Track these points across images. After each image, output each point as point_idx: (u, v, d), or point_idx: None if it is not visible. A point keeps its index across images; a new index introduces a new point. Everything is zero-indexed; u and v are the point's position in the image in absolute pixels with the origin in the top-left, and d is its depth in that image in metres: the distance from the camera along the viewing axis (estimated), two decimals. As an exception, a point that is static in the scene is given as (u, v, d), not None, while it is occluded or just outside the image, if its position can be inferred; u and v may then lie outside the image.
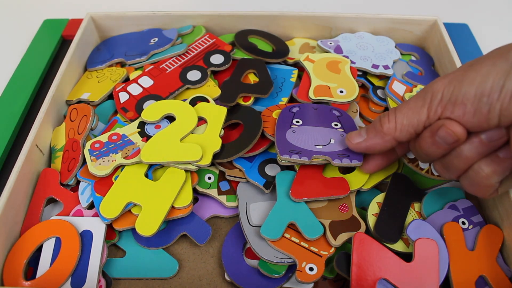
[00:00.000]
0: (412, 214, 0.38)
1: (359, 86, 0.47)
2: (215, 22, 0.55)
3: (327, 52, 0.51)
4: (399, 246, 0.36)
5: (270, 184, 0.40)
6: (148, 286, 0.36)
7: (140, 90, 0.47)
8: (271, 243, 0.36)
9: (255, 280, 0.36)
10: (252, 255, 0.37)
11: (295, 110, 0.43)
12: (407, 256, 0.35)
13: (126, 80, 0.49)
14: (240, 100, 0.46)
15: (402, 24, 0.54)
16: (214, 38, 0.52)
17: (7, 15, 0.68)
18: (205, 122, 0.43)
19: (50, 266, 0.35)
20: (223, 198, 0.40)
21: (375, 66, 0.49)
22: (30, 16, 0.67)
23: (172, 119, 0.44)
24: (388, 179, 0.40)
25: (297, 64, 0.51)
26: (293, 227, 0.37)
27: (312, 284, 0.35)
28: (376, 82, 0.49)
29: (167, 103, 0.44)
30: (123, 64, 0.52)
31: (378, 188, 0.41)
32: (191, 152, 0.39)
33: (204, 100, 0.45)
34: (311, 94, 0.45)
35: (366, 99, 0.49)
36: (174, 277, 0.37)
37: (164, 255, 0.38)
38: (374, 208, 0.38)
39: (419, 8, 0.68)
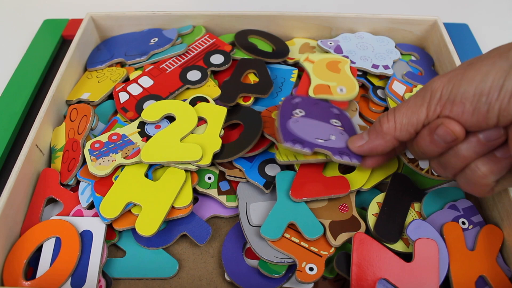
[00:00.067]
0: (412, 214, 0.38)
1: (359, 86, 0.47)
2: (215, 22, 0.55)
3: (327, 52, 0.51)
4: (399, 246, 0.36)
5: (270, 184, 0.40)
6: (148, 286, 0.36)
7: (140, 90, 0.47)
8: (271, 243, 0.36)
9: (255, 280, 0.36)
10: (252, 255, 0.37)
11: (297, 101, 0.42)
12: (407, 256, 0.35)
13: (126, 80, 0.49)
14: (240, 100, 0.46)
15: (402, 24, 0.54)
16: (214, 38, 0.52)
17: (7, 15, 0.68)
18: (205, 122, 0.43)
19: (50, 266, 0.35)
20: (223, 198, 0.40)
21: (375, 66, 0.49)
22: (30, 16, 0.67)
23: (172, 119, 0.44)
24: (388, 179, 0.40)
25: (297, 64, 0.51)
26: (293, 227, 0.37)
27: (312, 284, 0.35)
28: (376, 82, 0.49)
29: (167, 103, 0.44)
30: (123, 64, 0.52)
31: (378, 188, 0.41)
32: (191, 152, 0.39)
33: (204, 100, 0.45)
34: (311, 93, 0.45)
35: (366, 99, 0.49)
36: (174, 277, 0.37)
37: (164, 255, 0.38)
38: (374, 208, 0.38)
39: (419, 8, 0.68)
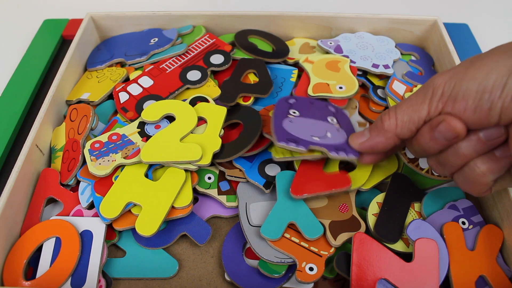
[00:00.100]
0: (412, 214, 0.38)
1: (359, 86, 0.47)
2: (215, 22, 0.55)
3: (327, 52, 0.51)
4: (399, 246, 0.36)
5: (270, 184, 0.40)
6: (148, 286, 0.36)
7: (140, 90, 0.47)
8: (271, 243, 0.36)
9: (255, 280, 0.36)
10: (252, 255, 0.37)
11: (292, 101, 0.42)
12: (407, 256, 0.35)
13: (126, 80, 0.49)
14: (240, 100, 0.46)
15: (402, 24, 0.54)
16: (214, 38, 0.52)
17: (7, 15, 0.68)
18: (205, 122, 0.43)
19: (50, 266, 0.35)
20: (223, 198, 0.40)
21: (375, 66, 0.49)
22: (30, 16, 0.67)
23: (172, 119, 0.44)
24: (388, 179, 0.40)
25: (297, 64, 0.51)
26: (293, 227, 0.37)
27: (312, 284, 0.35)
28: (376, 82, 0.49)
29: (167, 103, 0.44)
30: (123, 64, 0.52)
31: (378, 188, 0.41)
32: (191, 152, 0.39)
33: (204, 100, 0.45)
34: (310, 91, 0.45)
35: (366, 99, 0.49)
36: (174, 277, 0.37)
37: (164, 255, 0.38)
38: (374, 208, 0.38)
39: (419, 8, 0.68)
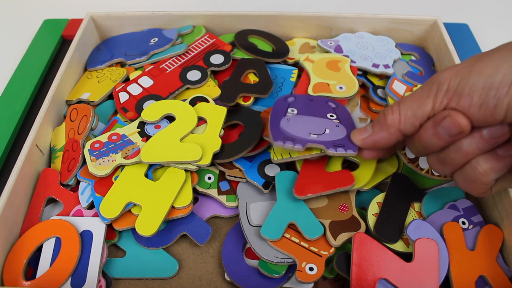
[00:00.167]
0: (412, 214, 0.38)
1: (359, 86, 0.47)
2: (215, 22, 0.55)
3: (327, 52, 0.51)
4: (399, 246, 0.36)
5: (269, 184, 0.40)
6: (148, 286, 0.36)
7: (140, 90, 0.47)
8: (271, 243, 0.36)
9: (255, 280, 0.36)
10: (252, 255, 0.37)
11: (290, 100, 0.42)
12: (407, 256, 0.35)
13: (126, 80, 0.49)
14: (240, 100, 0.46)
15: (402, 24, 0.54)
16: (214, 38, 0.52)
17: (7, 15, 0.68)
18: (205, 122, 0.43)
19: (50, 266, 0.35)
20: (223, 198, 0.40)
21: (376, 65, 0.49)
22: (30, 16, 0.67)
23: (172, 119, 0.44)
24: (388, 179, 0.40)
25: (297, 64, 0.51)
26: (293, 227, 0.37)
27: (312, 284, 0.35)
28: (376, 82, 0.49)
29: (167, 103, 0.44)
30: (123, 64, 0.52)
31: (378, 188, 0.41)
32: (191, 152, 0.39)
33: (204, 100, 0.45)
34: (310, 91, 0.45)
35: (367, 99, 0.49)
36: (174, 277, 0.37)
37: (164, 255, 0.38)
38: (374, 208, 0.38)
39: (419, 8, 0.68)
